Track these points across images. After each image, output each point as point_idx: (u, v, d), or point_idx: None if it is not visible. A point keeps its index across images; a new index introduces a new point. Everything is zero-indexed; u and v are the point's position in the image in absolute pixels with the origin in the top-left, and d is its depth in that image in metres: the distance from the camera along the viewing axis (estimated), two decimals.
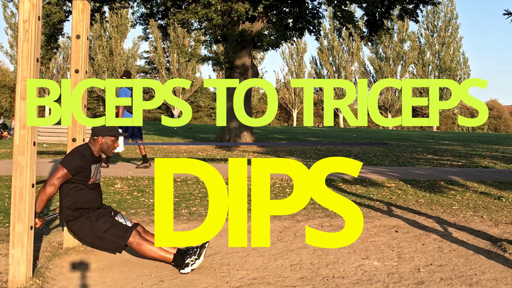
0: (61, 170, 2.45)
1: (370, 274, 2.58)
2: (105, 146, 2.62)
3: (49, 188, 2.40)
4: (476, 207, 4.53)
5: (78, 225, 2.53)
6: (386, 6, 12.26)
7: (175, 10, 12.00)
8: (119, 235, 2.50)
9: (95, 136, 2.61)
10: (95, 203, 2.60)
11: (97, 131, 2.60)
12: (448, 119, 47.48)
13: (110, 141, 2.62)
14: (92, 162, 2.58)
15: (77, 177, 2.52)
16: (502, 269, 2.66)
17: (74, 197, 2.52)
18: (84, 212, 2.54)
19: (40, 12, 2.27)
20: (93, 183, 2.60)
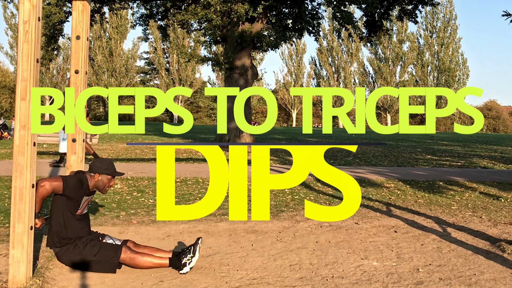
0: (58, 180, 2.44)
1: (369, 274, 2.58)
2: (100, 184, 2.60)
3: (41, 189, 2.38)
4: (475, 207, 4.54)
5: (67, 254, 2.52)
6: (385, 7, 12.28)
7: (175, 11, 12.01)
8: (110, 255, 2.50)
9: (92, 172, 2.60)
10: (83, 233, 2.60)
11: (94, 168, 2.60)
12: (447, 120, 47.55)
13: (106, 180, 2.61)
14: (85, 194, 2.58)
15: (67, 206, 2.51)
16: (501, 269, 2.67)
17: (63, 226, 2.52)
18: (70, 241, 2.54)
19: (40, 13, 2.27)
20: (81, 214, 2.60)
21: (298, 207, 4.39)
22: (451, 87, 43.23)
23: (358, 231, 3.56)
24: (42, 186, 2.38)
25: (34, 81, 2.23)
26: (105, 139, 13.94)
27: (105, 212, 4.00)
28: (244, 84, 12.27)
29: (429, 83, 44.07)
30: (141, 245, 2.73)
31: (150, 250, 2.66)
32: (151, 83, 46.24)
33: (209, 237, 3.34)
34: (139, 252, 2.57)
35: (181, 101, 44.28)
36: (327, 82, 46.62)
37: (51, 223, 2.55)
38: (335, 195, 5.08)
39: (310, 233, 3.49)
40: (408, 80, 44.40)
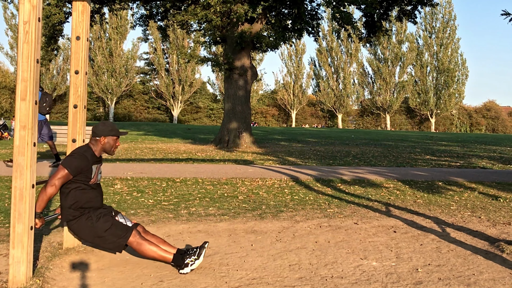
0: (62, 170, 2.46)
1: (368, 274, 2.59)
2: (108, 146, 2.63)
3: (50, 189, 2.41)
4: (474, 207, 4.55)
5: (78, 224, 2.54)
6: (385, 8, 12.31)
7: (175, 11, 12.03)
8: (119, 235, 2.51)
9: (96, 136, 2.62)
10: (96, 203, 2.61)
11: (98, 131, 2.62)
12: (446, 120, 47.60)
13: (112, 141, 2.64)
14: (93, 162, 2.59)
15: (78, 178, 2.53)
16: (500, 269, 2.67)
17: (75, 197, 2.53)
18: (84, 211, 2.55)
19: (40, 13, 2.28)
20: (94, 183, 2.61)
21: (297, 207, 4.40)
22: (450, 87, 43.29)
23: (358, 231, 3.57)
24: (52, 185, 2.41)
25: (34, 82, 2.24)
26: None
27: None
28: (243, 84, 12.28)
29: (428, 84, 44.12)
30: (150, 232, 2.73)
31: (157, 241, 2.66)
32: (151, 84, 46.25)
33: (209, 237, 3.35)
34: (147, 240, 2.57)
35: (181, 101, 44.28)
36: (326, 83, 46.64)
37: (63, 198, 2.55)
38: (334, 195, 5.09)
39: (310, 233, 3.50)
40: (407, 81, 44.44)
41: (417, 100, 44.64)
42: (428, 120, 46.29)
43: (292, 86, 48.06)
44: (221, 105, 44.72)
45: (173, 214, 4.00)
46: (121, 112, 45.23)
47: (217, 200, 4.72)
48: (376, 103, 45.57)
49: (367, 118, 49.31)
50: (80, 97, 2.87)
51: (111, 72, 41.14)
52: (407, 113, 48.32)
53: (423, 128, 46.96)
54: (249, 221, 3.78)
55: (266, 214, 4.06)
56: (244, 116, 12.32)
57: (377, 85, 45.18)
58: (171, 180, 5.89)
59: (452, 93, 43.30)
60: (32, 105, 2.22)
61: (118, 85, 41.72)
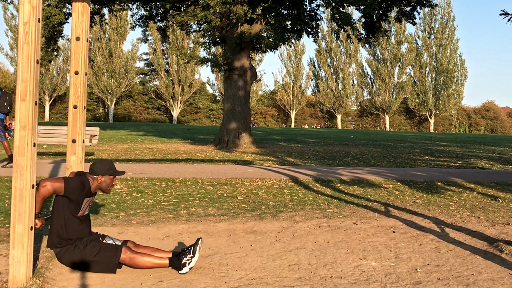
0: (60, 181, 2.45)
1: (367, 274, 2.59)
2: (104, 185, 2.64)
3: (42, 189, 2.39)
4: (473, 207, 4.56)
5: (67, 254, 2.53)
6: (384, 8, 12.34)
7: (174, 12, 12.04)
8: (110, 256, 2.51)
9: (94, 174, 2.63)
10: (84, 234, 2.62)
11: (96, 170, 2.62)
12: (445, 121, 47.67)
13: (109, 180, 2.65)
14: (87, 195, 2.60)
15: (68, 207, 2.52)
16: (499, 269, 2.68)
17: (64, 227, 2.53)
18: (70, 241, 2.56)
19: (40, 14, 2.28)
20: (82, 216, 2.61)
21: (296, 208, 4.40)
22: (449, 88, 43.36)
23: (357, 231, 3.58)
24: (43, 186, 2.40)
25: (34, 82, 2.24)
26: (104, 140, 13.93)
27: (104, 212, 4.01)
28: (243, 85, 12.29)
29: (427, 84, 44.20)
30: (141, 245, 2.74)
31: (150, 250, 2.67)
32: (151, 84, 46.26)
33: (208, 237, 3.35)
34: (139, 252, 2.58)
35: (180, 102, 44.29)
36: (325, 83, 46.69)
37: (52, 224, 2.56)
38: (334, 196, 5.10)
39: (309, 233, 3.50)
40: (406, 81, 44.51)
41: (416, 100, 44.70)
42: (427, 120, 46.36)
43: (292, 87, 48.09)
44: (221, 105, 44.74)
45: (172, 214, 4.01)
46: (120, 112, 45.23)
47: (217, 200, 4.73)
48: (375, 103, 45.63)
49: (366, 118, 49.35)
50: (80, 97, 2.87)
51: (110, 73, 41.15)
52: (406, 113, 48.38)
53: (422, 129, 47.02)
54: (249, 221, 3.79)
55: (266, 214, 4.07)
56: (243, 117, 12.33)
57: (376, 86, 45.24)
58: (170, 181, 5.90)
59: (451, 94, 43.37)
60: (32, 106, 2.22)
61: (117, 86, 41.73)
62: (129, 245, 2.67)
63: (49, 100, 42.08)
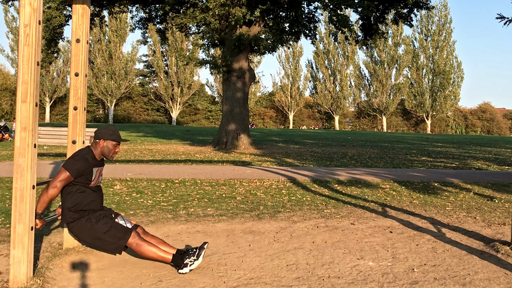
0: (63, 173, 2.48)
1: (365, 274, 2.61)
2: (106, 150, 2.63)
3: (52, 190, 2.42)
4: (469, 208, 4.59)
5: (78, 226, 2.55)
6: (381, 11, 12.43)
7: (174, 14, 12.08)
8: (119, 237, 2.53)
9: (97, 139, 2.63)
10: (96, 205, 2.63)
11: (99, 134, 2.62)
12: (441, 122, 47.91)
13: (111, 145, 2.63)
14: (94, 165, 2.60)
15: (79, 180, 2.54)
16: (495, 269, 2.70)
17: (75, 199, 2.55)
18: (84, 213, 2.57)
19: (41, 16, 2.31)
20: (95, 186, 2.62)
21: (295, 208, 4.43)
22: (445, 89, 43.60)
23: (354, 231, 3.60)
24: (54, 187, 2.42)
25: (35, 84, 2.26)
26: None
27: None
28: (242, 86, 12.33)
29: (424, 86, 44.43)
30: (149, 233, 2.75)
31: (156, 241, 2.68)
32: (150, 86, 46.26)
33: (207, 237, 3.37)
34: (146, 241, 2.59)
35: (180, 103, 44.29)
36: (323, 85, 46.83)
37: (64, 200, 2.56)
38: (331, 196, 5.13)
39: (307, 233, 3.52)
40: (403, 83, 44.73)
41: (413, 102, 44.91)
42: (424, 121, 46.57)
43: (290, 88, 48.20)
44: (220, 107, 44.76)
45: (172, 214, 4.02)
46: (120, 113, 45.18)
47: (216, 200, 4.75)
48: (373, 105, 45.80)
49: (364, 119, 49.52)
50: (80, 99, 2.89)
51: (110, 74, 41.19)
52: (403, 115, 48.60)
53: (419, 130, 47.23)
54: (247, 221, 3.81)
55: (264, 214, 4.09)
56: (242, 118, 12.36)
57: (374, 87, 45.43)
58: (170, 181, 5.91)
59: (447, 95, 43.61)
60: (32, 107, 2.24)
61: (117, 87, 41.73)
62: (139, 231, 2.68)
63: (49, 101, 42.04)
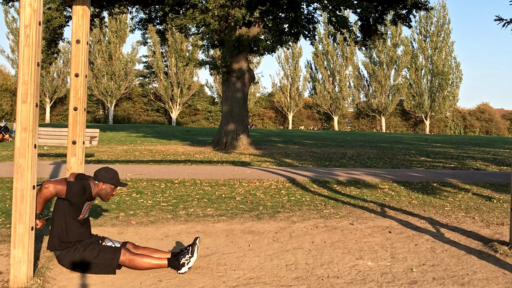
0: (62, 184, 2.47)
1: (364, 274, 2.62)
2: (103, 193, 2.65)
3: (45, 190, 2.42)
4: (468, 208, 4.61)
5: (67, 257, 2.55)
6: (380, 12, 12.46)
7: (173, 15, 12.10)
8: (109, 258, 2.54)
9: (96, 180, 2.65)
10: (84, 237, 2.64)
11: (100, 176, 2.64)
12: (440, 122, 48.02)
13: (110, 189, 2.66)
14: (87, 199, 2.62)
15: (69, 210, 2.55)
16: (493, 269, 2.71)
17: (65, 230, 2.55)
18: (70, 244, 2.58)
19: (41, 17, 2.32)
20: (83, 219, 2.63)
21: (294, 208, 4.44)
22: (444, 90, 43.72)
23: (353, 231, 3.62)
24: (46, 187, 2.42)
25: (35, 85, 2.27)
26: (104, 141, 13.91)
27: (104, 213, 4.03)
28: (241, 87, 12.35)
29: (423, 86, 44.53)
30: (140, 246, 2.76)
31: (149, 251, 2.70)
32: (150, 86, 46.29)
33: (207, 237, 3.38)
34: (138, 254, 2.61)
35: (179, 104, 44.31)
36: (322, 85, 46.91)
37: (53, 227, 2.58)
38: (331, 197, 5.14)
39: (306, 233, 3.54)
40: (402, 84, 44.83)
41: (412, 102, 45.01)
42: (422, 122, 46.67)
43: (289, 89, 48.26)
44: (219, 107, 44.79)
45: (171, 214, 4.03)
46: (120, 114, 45.19)
47: (215, 201, 4.76)
48: (372, 105, 45.88)
49: (363, 120, 49.60)
50: (80, 99, 2.90)
51: (110, 75, 41.23)
52: (402, 115, 48.69)
53: (418, 130, 47.33)
54: (247, 221, 3.82)
55: (263, 214, 4.10)
56: (241, 118, 12.37)
57: (373, 88, 45.51)
58: (169, 181, 5.92)
59: (446, 96, 43.72)
60: (33, 108, 2.25)
61: (117, 88, 41.75)
62: (128, 247, 2.70)
63: (49, 102, 42.07)
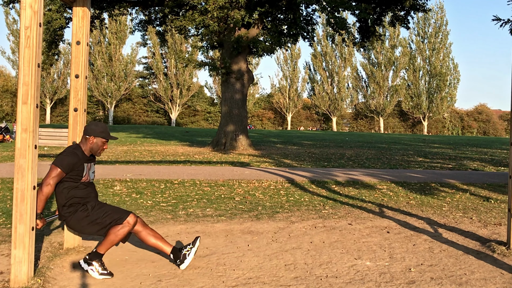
0: (54, 169, 2.47)
1: (362, 273, 2.63)
2: (95, 147, 2.62)
3: (46, 188, 2.42)
4: (466, 208, 4.64)
5: (75, 218, 2.53)
6: (378, 13, 12.52)
7: (173, 17, 12.12)
8: (117, 218, 2.52)
9: (86, 135, 2.63)
10: (90, 199, 2.62)
11: (90, 130, 2.62)
12: (438, 123, 48.19)
13: (101, 142, 2.63)
14: (84, 160, 2.60)
15: (70, 176, 2.53)
16: (491, 269, 2.72)
17: (69, 195, 2.54)
18: (78, 205, 2.56)
19: (41, 19, 2.33)
20: (87, 181, 2.62)
21: (293, 209, 4.46)
22: (442, 91, 43.90)
23: (352, 231, 3.63)
24: (47, 185, 2.41)
25: (35, 86, 2.29)
26: None
27: None
28: (240, 88, 12.38)
29: (421, 88, 44.70)
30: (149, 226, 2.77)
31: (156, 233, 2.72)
32: (150, 87, 46.32)
33: (206, 237, 3.40)
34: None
35: (179, 105, 44.34)
36: (321, 87, 47.01)
37: (58, 198, 2.56)
38: (329, 197, 5.16)
39: (305, 233, 3.55)
40: (400, 85, 44.99)
41: (410, 103, 45.16)
42: (420, 123, 46.82)
43: (288, 90, 48.34)
44: (218, 108, 44.81)
45: (171, 215, 4.05)
46: (120, 115, 45.15)
47: (214, 201, 4.77)
48: (370, 106, 46.00)
49: (361, 121, 49.72)
50: (80, 100, 2.92)
51: (110, 76, 41.27)
52: (400, 116, 48.83)
53: (416, 131, 47.47)
54: (246, 222, 3.84)
55: (262, 215, 4.12)
56: (240, 119, 12.40)
57: (371, 89, 45.64)
58: (169, 182, 5.93)
59: (444, 97, 43.89)
60: (33, 109, 2.26)
61: (117, 89, 41.77)
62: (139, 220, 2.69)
63: (50, 103, 42.07)
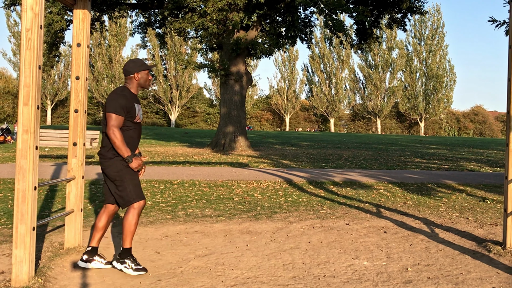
0: (111, 117, 2.48)
1: (360, 273, 2.66)
2: (142, 81, 2.64)
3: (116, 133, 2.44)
4: (462, 208, 4.67)
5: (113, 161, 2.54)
6: (375, 15, 12.62)
7: (172, 19, 12.15)
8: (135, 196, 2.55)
9: (130, 74, 2.62)
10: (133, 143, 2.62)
11: (131, 69, 2.61)
12: (435, 124, 48.44)
13: (145, 75, 2.65)
14: (134, 101, 2.63)
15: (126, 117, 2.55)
16: (487, 269, 2.75)
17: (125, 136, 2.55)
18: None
19: (42, 21, 2.35)
20: (138, 122, 2.64)
21: (291, 209, 4.49)
22: (438, 92, 44.15)
23: (349, 231, 3.66)
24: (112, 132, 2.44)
25: (36, 87, 2.31)
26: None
27: None
28: (239, 90, 12.41)
29: (418, 89, 44.95)
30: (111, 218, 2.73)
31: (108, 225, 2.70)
32: (149, 89, 46.31)
33: (205, 237, 3.41)
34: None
35: (178, 106, 44.36)
36: (319, 88, 47.15)
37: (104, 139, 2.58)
38: (327, 197, 5.19)
39: (303, 233, 3.58)
40: (397, 86, 45.21)
41: (406, 105, 45.39)
42: (417, 124, 47.05)
43: (286, 92, 48.45)
44: (217, 109, 44.85)
45: (170, 215, 4.06)
46: None
47: (213, 201, 4.79)
48: (367, 107, 46.19)
49: (359, 122, 49.91)
50: (80, 102, 2.94)
51: (110, 78, 41.33)
52: (397, 117, 49.07)
53: (413, 132, 47.70)
54: (244, 222, 3.86)
55: (261, 215, 4.14)
56: (239, 120, 12.43)
57: (368, 91, 45.84)
58: (168, 182, 5.94)
59: (440, 98, 44.15)
60: (34, 110, 2.28)
61: None
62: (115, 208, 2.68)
63: (51, 104, 42.01)
